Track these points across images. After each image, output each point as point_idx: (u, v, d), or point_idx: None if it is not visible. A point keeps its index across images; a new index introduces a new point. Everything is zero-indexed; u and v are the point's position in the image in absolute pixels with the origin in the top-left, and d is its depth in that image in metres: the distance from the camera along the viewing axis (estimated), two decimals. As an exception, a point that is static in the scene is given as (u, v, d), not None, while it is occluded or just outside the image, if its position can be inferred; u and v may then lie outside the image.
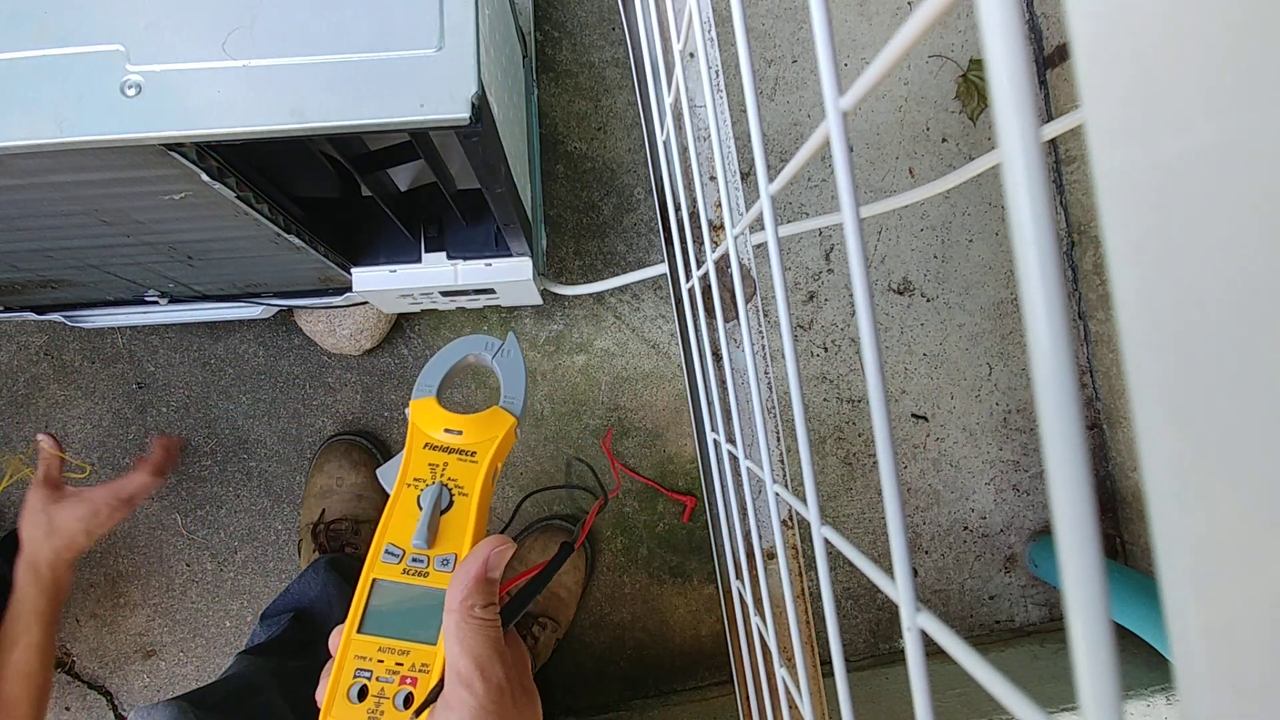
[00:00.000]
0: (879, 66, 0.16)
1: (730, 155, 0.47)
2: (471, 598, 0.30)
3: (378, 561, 0.32)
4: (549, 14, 0.91)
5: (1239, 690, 0.09)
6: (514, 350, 0.39)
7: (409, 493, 0.34)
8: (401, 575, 0.32)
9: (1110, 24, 0.10)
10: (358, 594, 0.31)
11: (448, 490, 0.34)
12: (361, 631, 0.31)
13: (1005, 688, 0.16)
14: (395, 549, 0.32)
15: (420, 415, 0.36)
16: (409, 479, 0.34)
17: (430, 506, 0.33)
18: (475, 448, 0.35)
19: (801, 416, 0.27)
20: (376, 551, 0.32)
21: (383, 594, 0.31)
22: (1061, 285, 0.12)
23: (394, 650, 0.31)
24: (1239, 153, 0.08)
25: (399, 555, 0.32)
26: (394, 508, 0.33)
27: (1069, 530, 0.12)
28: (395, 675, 0.30)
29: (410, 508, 0.33)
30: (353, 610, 0.31)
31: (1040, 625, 0.95)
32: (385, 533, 0.33)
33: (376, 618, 0.31)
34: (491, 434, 0.36)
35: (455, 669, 0.28)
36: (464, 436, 0.35)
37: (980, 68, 0.94)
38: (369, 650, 0.30)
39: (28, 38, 0.38)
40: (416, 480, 0.34)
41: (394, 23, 0.39)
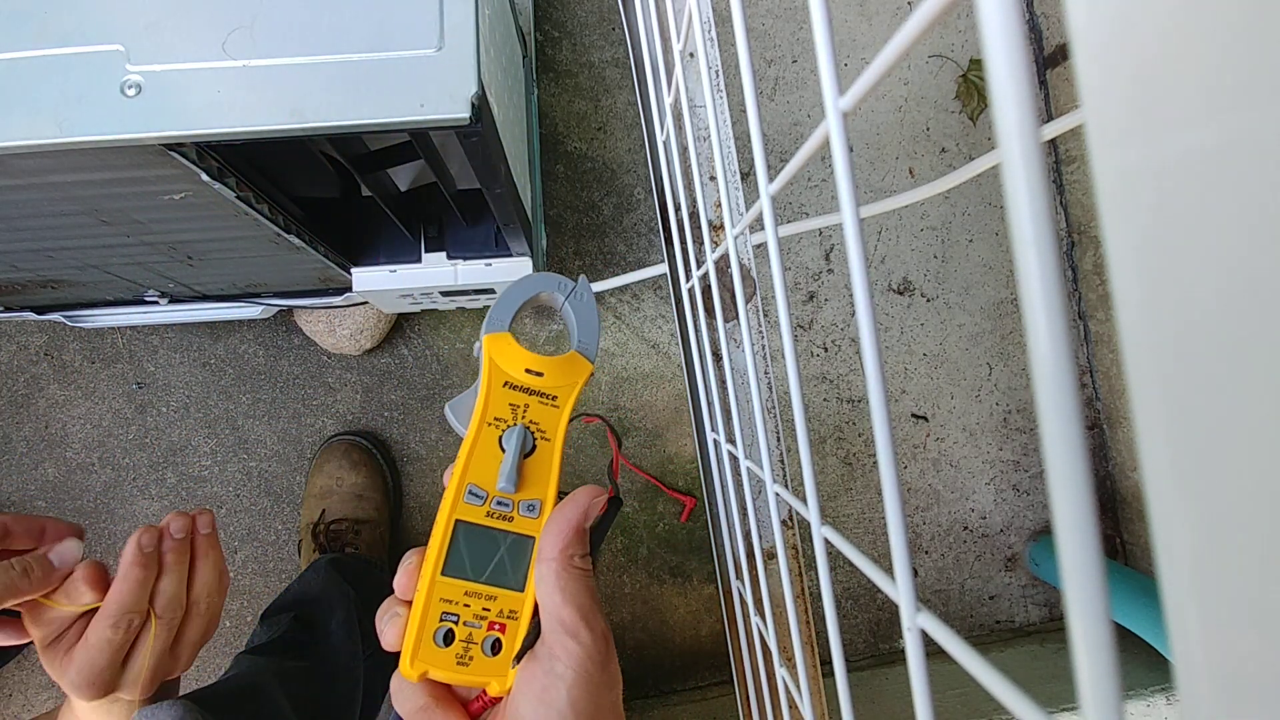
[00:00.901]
0: (879, 66, 0.16)
1: (730, 155, 0.47)
2: (572, 547, 0.29)
3: (460, 502, 0.30)
4: (549, 14, 0.91)
5: (1239, 690, 0.09)
6: (587, 293, 0.36)
7: (489, 432, 0.32)
8: (485, 518, 0.31)
9: (1110, 24, 0.10)
10: (437, 535, 0.30)
11: (530, 434, 0.32)
12: (446, 573, 0.29)
13: (1005, 688, 0.16)
14: (479, 490, 0.31)
15: (497, 351, 0.34)
16: (489, 417, 0.32)
17: (516, 448, 0.31)
18: (556, 391, 0.34)
19: (801, 416, 0.27)
20: (458, 492, 0.30)
21: (466, 536, 0.30)
22: (1061, 285, 0.12)
23: (480, 595, 0.29)
24: (1239, 153, 0.08)
25: (483, 497, 0.31)
26: (474, 446, 0.31)
27: (1069, 530, 0.12)
28: (483, 620, 0.29)
29: (492, 448, 0.32)
30: (434, 551, 0.29)
31: (1040, 625, 0.95)
32: (466, 472, 0.31)
33: (460, 560, 0.30)
34: (572, 379, 0.34)
35: (558, 619, 0.27)
36: (545, 379, 0.33)
37: (980, 68, 0.94)
38: (454, 593, 0.29)
39: (28, 38, 0.38)
40: (498, 420, 0.32)
41: (394, 23, 0.39)
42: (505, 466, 0.31)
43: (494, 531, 0.30)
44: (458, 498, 0.30)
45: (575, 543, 0.29)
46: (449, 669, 0.28)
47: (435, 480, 0.90)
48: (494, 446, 0.32)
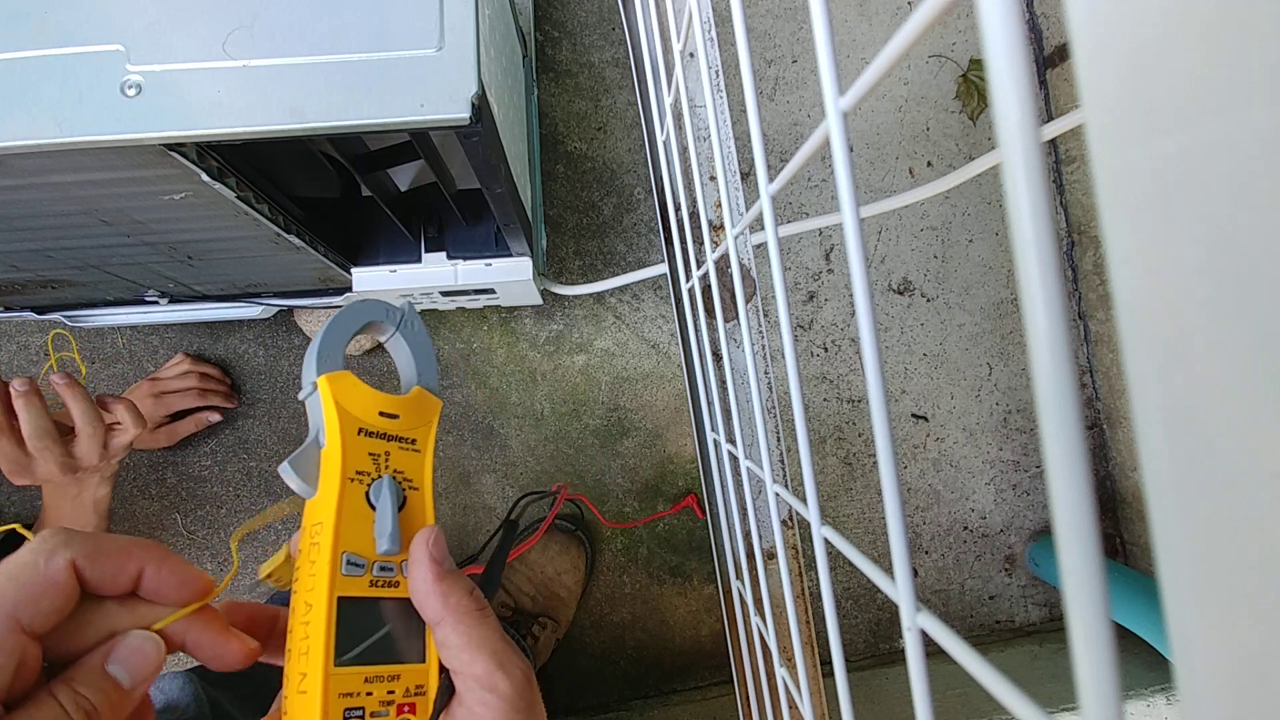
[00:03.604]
0: (879, 66, 0.16)
1: (730, 155, 0.47)
2: (453, 594, 0.26)
3: (338, 576, 0.26)
4: (549, 14, 0.91)
5: (1239, 690, 0.09)
6: (416, 321, 0.33)
7: (354, 489, 0.28)
8: (370, 589, 0.27)
9: (1110, 24, 0.10)
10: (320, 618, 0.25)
11: (398, 485, 0.29)
12: (341, 663, 0.25)
13: (1005, 688, 0.16)
14: (358, 559, 0.27)
15: (341, 393, 0.29)
16: (350, 472, 0.28)
17: (391, 505, 0.28)
18: (414, 434, 0.31)
19: (801, 416, 0.27)
20: (333, 565, 0.26)
21: (353, 615, 0.26)
22: (1061, 285, 0.12)
23: (382, 678, 0.26)
24: (1239, 152, 0.08)
25: (363, 565, 0.27)
26: (341, 508, 0.27)
27: (1069, 530, 0.12)
28: (389, 706, 0.26)
29: (360, 507, 0.28)
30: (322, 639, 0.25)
31: (1040, 625, 0.95)
32: (339, 539, 0.27)
33: (352, 643, 0.26)
34: (426, 418, 0.31)
35: (470, 675, 0.25)
36: (401, 421, 0.30)
37: (980, 68, 0.94)
38: (353, 684, 0.25)
39: (28, 38, 0.38)
40: (360, 474, 0.28)
41: (394, 22, 0.39)
42: (384, 525, 0.28)
43: (381, 603, 0.27)
44: (331, 572, 0.26)
45: (450, 589, 0.26)
46: None
47: (436, 480, 0.90)
48: (362, 505, 0.28)
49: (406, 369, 0.33)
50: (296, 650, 0.25)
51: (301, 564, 0.27)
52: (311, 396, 0.29)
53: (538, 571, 0.83)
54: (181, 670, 0.54)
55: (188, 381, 0.83)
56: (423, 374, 0.33)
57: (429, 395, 0.32)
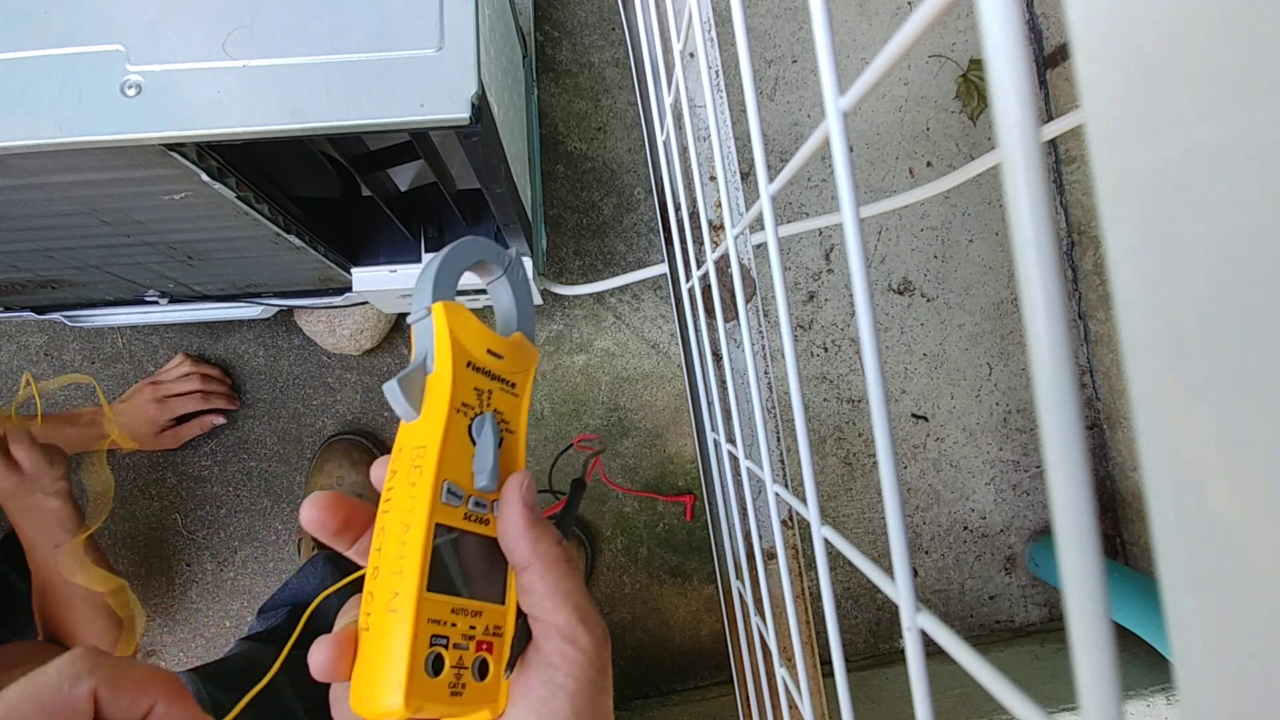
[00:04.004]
0: (879, 66, 0.16)
1: (730, 155, 0.47)
2: (542, 541, 0.25)
3: (439, 503, 0.25)
4: (549, 14, 0.91)
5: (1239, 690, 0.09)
6: (522, 268, 0.32)
7: (459, 420, 0.27)
8: (464, 521, 0.26)
9: (1110, 24, 0.10)
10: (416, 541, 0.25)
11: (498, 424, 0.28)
12: (432, 589, 0.25)
13: (1005, 688, 0.16)
14: (457, 490, 0.26)
15: (457, 323, 0.28)
16: (457, 403, 0.27)
17: (493, 439, 0.27)
18: (515, 378, 0.30)
19: (801, 416, 0.27)
20: (435, 490, 0.25)
21: (447, 544, 0.26)
22: (1061, 285, 0.12)
23: (467, 611, 0.25)
24: (1239, 152, 0.08)
25: (461, 496, 0.26)
26: (447, 436, 0.26)
27: (1069, 530, 0.12)
28: (470, 641, 0.25)
29: (462, 439, 0.27)
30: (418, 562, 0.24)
31: (1040, 625, 0.95)
32: (441, 466, 0.26)
33: (444, 573, 0.25)
34: (526, 365, 0.30)
35: (553, 625, 0.25)
36: (505, 362, 0.29)
37: (980, 68, 0.94)
38: (441, 612, 0.25)
39: (28, 38, 0.38)
40: (465, 406, 0.27)
41: (394, 23, 0.39)
42: (484, 461, 0.27)
43: (473, 537, 0.27)
44: (435, 497, 0.25)
45: (540, 536, 0.26)
46: (443, 701, 0.24)
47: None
48: (464, 437, 0.27)
49: (507, 314, 0.32)
50: (388, 568, 0.25)
51: (398, 484, 0.26)
52: (423, 321, 0.28)
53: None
54: (185, 670, 0.54)
55: (190, 384, 0.83)
56: (523, 322, 0.32)
57: (528, 343, 0.31)
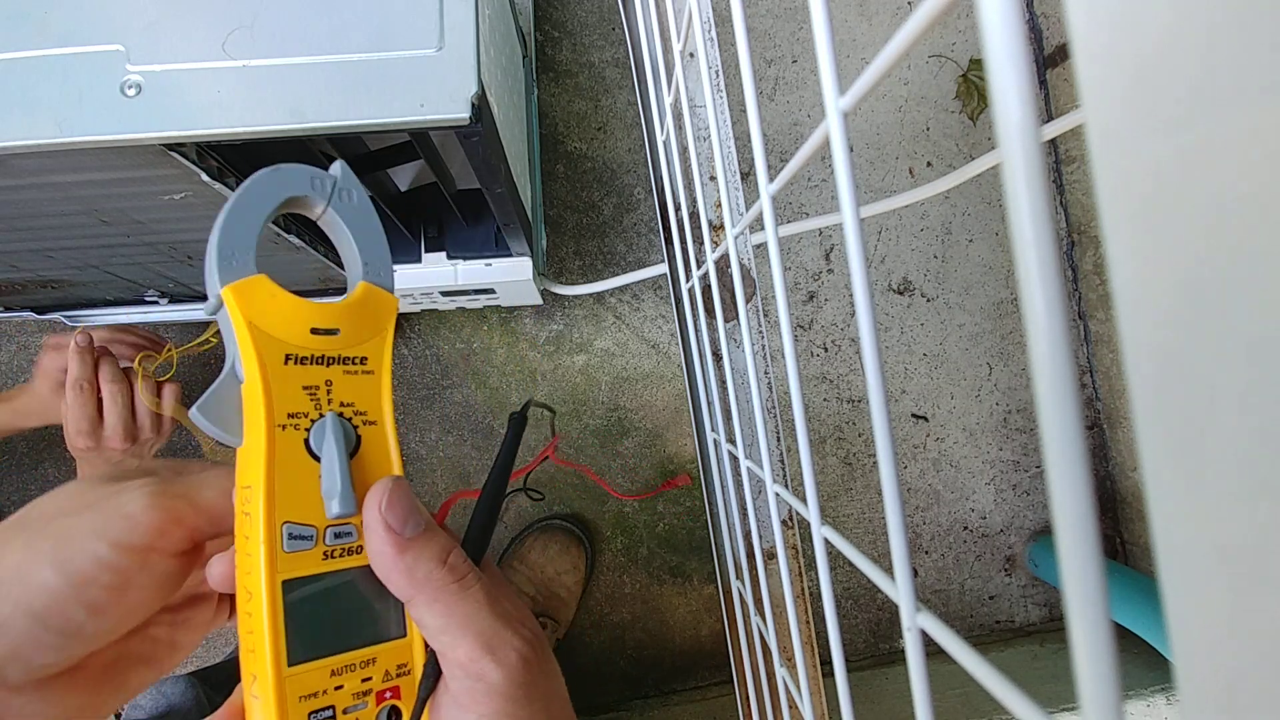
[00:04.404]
0: (879, 66, 0.16)
1: (730, 155, 0.47)
2: (420, 566, 0.21)
3: (280, 555, 0.21)
4: (549, 14, 0.91)
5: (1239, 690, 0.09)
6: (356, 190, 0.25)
7: (288, 438, 0.21)
8: (325, 563, 0.21)
9: (1109, 24, 0.10)
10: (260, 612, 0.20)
11: (348, 423, 0.23)
12: (296, 662, 0.21)
13: (1005, 688, 0.16)
14: (303, 530, 0.21)
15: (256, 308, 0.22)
16: (280, 417, 0.21)
17: (338, 452, 0.22)
18: (364, 350, 0.24)
19: (801, 416, 0.27)
20: (271, 542, 0.21)
21: (305, 599, 0.21)
22: (1061, 285, 0.12)
23: (354, 666, 0.21)
24: (1239, 152, 0.08)
25: (310, 537, 0.21)
26: (270, 465, 0.21)
27: (1069, 530, 0.12)
28: (367, 695, 0.22)
29: (298, 460, 0.22)
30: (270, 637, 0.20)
31: (1040, 625, 0.95)
32: (273, 509, 0.21)
33: (309, 635, 0.21)
34: (378, 326, 0.24)
35: (454, 662, 0.21)
36: (343, 336, 0.23)
37: (980, 68, 0.94)
38: (317, 682, 0.21)
39: (28, 38, 0.38)
40: (293, 417, 0.22)
41: (394, 22, 0.39)
42: (331, 482, 0.22)
43: (341, 576, 0.22)
44: (273, 550, 0.21)
45: (420, 561, 0.21)
46: None
47: (435, 480, 0.90)
48: (301, 456, 0.22)
49: (350, 258, 0.25)
50: (244, 645, 0.21)
51: (237, 538, 0.21)
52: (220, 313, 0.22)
53: (538, 572, 0.83)
54: (184, 674, 0.54)
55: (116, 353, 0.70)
56: (369, 263, 0.25)
57: (379, 292, 0.25)
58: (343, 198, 0.25)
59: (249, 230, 0.23)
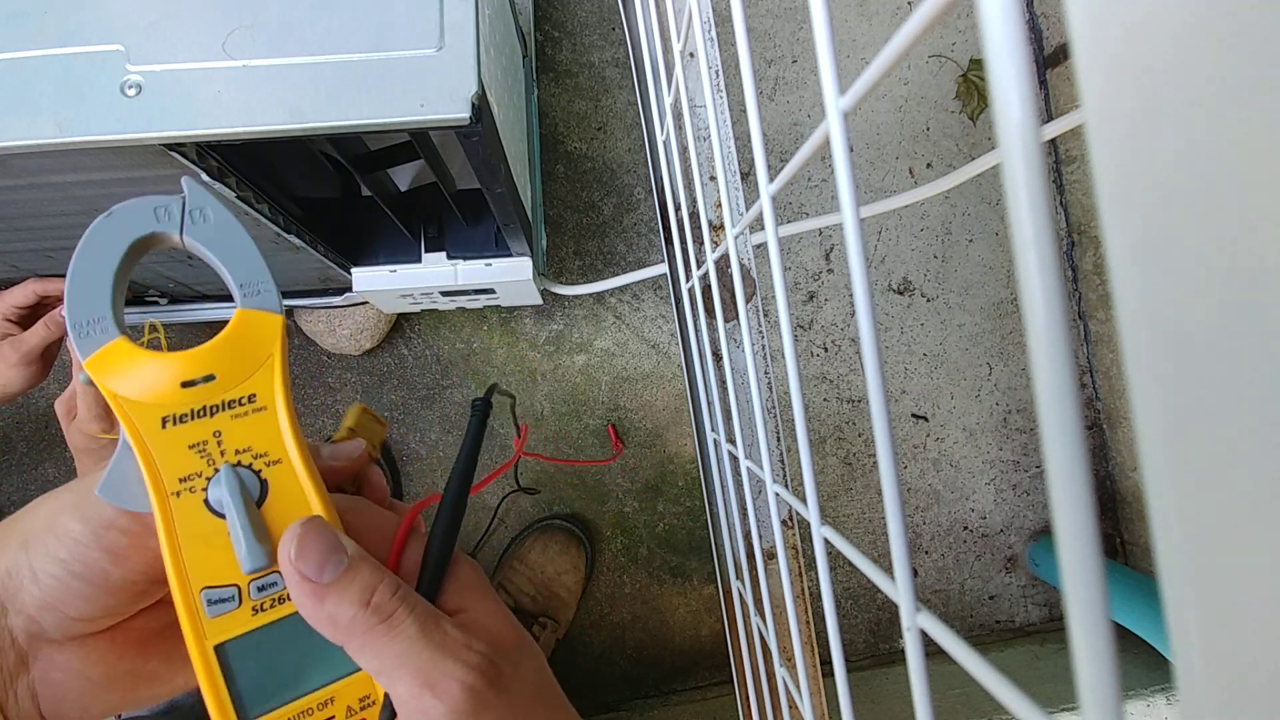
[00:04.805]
0: (879, 66, 0.16)
1: (730, 155, 0.47)
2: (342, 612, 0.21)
3: (204, 622, 0.21)
4: (549, 14, 0.91)
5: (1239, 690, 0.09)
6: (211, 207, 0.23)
7: (185, 503, 0.21)
8: (255, 618, 0.21)
9: (1110, 23, 0.10)
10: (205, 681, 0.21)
11: (248, 471, 0.22)
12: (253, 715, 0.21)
13: (1005, 688, 0.16)
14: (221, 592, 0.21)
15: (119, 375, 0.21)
16: (170, 485, 0.21)
17: (238, 504, 0.21)
18: (250, 387, 0.23)
19: (801, 416, 0.27)
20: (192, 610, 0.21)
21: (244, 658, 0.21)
22: (1061, 285, 0.12)
23: (312, 710, 0.22)
24: (1239, 152, 0.08)
25: (232, 597, 0.21)
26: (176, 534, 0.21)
27: (1069, 530, 0.12)
28: None
29: (202, 523, 0.21)
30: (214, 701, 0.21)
31: (1040, 625, 0.95)
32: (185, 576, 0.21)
33: (257, 689, 0.21)
34: (261, 353, 0.23)
35: (397, 699, 0.21)
36: (222, 379, 0.22)
37: (980, 68, 0.94)
38: None
39: (28, 38, 0.38)
40: (186, 480, 0.21)
41: (394, 22, 0.39)
42: (237, 540, 0.21)
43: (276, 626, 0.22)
44: (196, 618, 0.21)
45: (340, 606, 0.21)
46: None
47: (436, 481, 0.90)
48: (205, 518, 0.21)
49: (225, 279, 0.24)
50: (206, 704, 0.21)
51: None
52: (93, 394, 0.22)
53: (538, 572, 0.83)
54: None
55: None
56: (242, 284, 0.24)
57: (257, 316, 0.23)
58: (195, 219, 0.23)
59: (99, 291, 0.21)
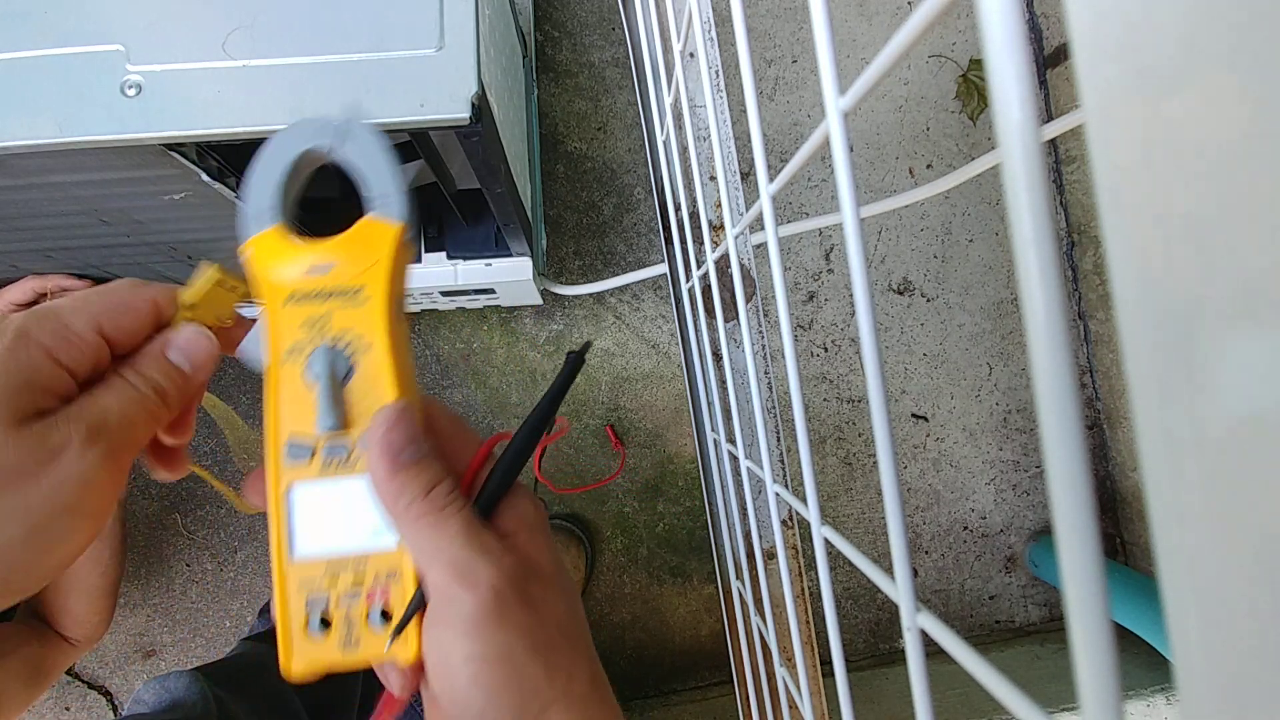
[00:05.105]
0: (879, 66, 0.16)
1: (730, 155, 0.47)
2: (406, 493, 0.23)
3: (281, 465, 0.25)
4: (549, 14, 0.91)
5: (1239, 690, 0.09)
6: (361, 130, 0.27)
7: (289, 369, 0.25)
8: (324, 473, 0.25)
9: (1110, 23, 0.10)
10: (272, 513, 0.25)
11: (339, 351, 0.26)
12: (297, 556, 0.25)
13: (1005, 688, 0.16)
14: (301, 443, 0.25)
15: (264, 258, 0.26)
16: (281, 351, 0.25)
17: (325, 377, 0.25)
18: (360, 280, 0.26)
19: (801, 416, 0.27)
20: (276, 453, 0.25)
21: (306, 503, 0.25)
22: (1061, 285, 0.12)
23: (347, 566, 0.25)
24: (1239, 152, 0.08)
25: (309, 450, 0.25)
26: (277, 392, 0.25)
27: (1069, 530, 0.12)
28: (358, 592, 0.25)
29: (298, 387, 0.25)
30: (275, 534, 0.25)
31: (1040, 625, 0.95)
32: (277, 426, 0.25)
33: (309, 534, 0.25)
34: (374, 255, 0.26)
35: (430, 582, 0.23)
36: (338, 270, 0.26)
37: (980, 68, 0.94)
38: (314, 575, 0.25)
39: (28, 38, 0.38)
40: (293, 350, 0.25)
41: (394, 23, 0.39)
42: (320, 402, 0.25)
43: (338, 485, 0.25)
44: (275, 462, 0.25)
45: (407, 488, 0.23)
46: (335, 657, 0.25)
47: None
48: (300, 382, 0.25)
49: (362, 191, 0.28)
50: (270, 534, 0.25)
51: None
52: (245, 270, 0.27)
53: (538, 571, 0.83)
54: (189, 670, 0.54)
55: None
56: (374, 197, 0.27)
57: (379, 224, 0.27)
58: (347, 139, 0.27)
59: (266, 189, 0.26)
